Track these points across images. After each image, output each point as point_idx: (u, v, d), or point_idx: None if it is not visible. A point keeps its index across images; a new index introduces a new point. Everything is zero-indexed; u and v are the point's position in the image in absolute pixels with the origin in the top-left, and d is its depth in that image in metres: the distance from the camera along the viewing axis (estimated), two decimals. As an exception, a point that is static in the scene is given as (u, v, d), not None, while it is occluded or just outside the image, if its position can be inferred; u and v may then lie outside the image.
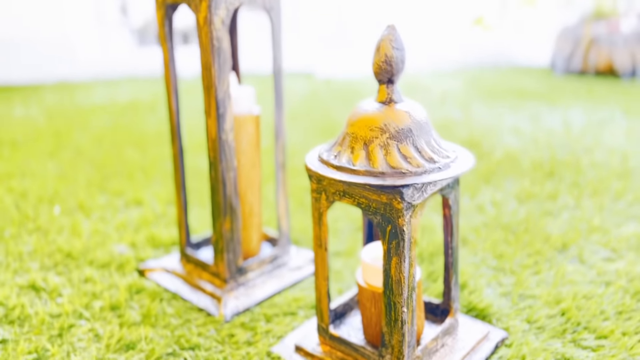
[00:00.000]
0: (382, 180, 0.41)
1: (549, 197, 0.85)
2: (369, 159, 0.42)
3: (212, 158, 0.58)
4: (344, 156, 0.44)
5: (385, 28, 0.43)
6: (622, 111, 1.38)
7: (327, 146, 0.47)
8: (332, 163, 0.44)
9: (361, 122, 0.43)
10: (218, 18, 0.54)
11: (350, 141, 0.44)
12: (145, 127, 1.35)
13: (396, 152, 0.42)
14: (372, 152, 0.43)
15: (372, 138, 0.43)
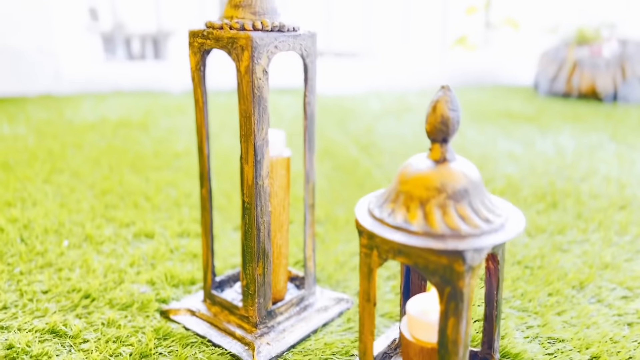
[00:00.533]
0: (443, 243, 0.42)
1: (557, 230, 0.87)
2: (426, 220, 0.43)
3: (247, 203, 0.58)
4: (399, 215, 0.44)
5: (440, 89, 0.44)
6: (609, 136, 1.42)
7: (376, 200, 0.47)
8: (387, 222, 0.44)
9: (416, 181, 0.44)
10: (260, 67, 0.53)
11: (405, 199, 0.44)
12: (140, 148, 1.33)
13: (454, 212, 0.43)
14: (429, 213, 0.43)
15: (428, 198, 0.43)
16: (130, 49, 2.49)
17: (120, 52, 2.85)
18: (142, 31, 5.27)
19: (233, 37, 0.53)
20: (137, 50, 4.59)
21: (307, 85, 0.60)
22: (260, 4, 0.55)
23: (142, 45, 5.32)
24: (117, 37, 2.90)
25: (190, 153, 1.29)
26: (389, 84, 2.17)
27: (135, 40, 4.47)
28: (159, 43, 5.86)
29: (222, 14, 0.56)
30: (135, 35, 4.31)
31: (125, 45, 2.50)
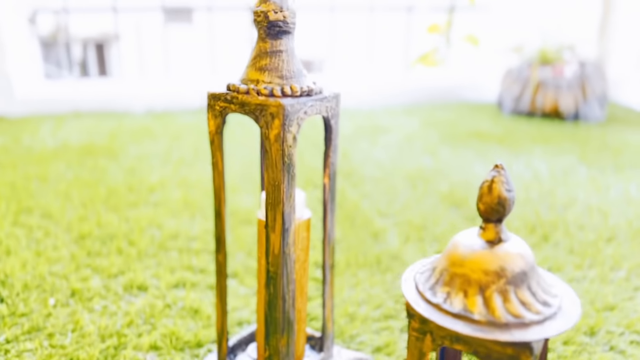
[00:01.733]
0: (509, 334, 0.40)
1: (555, 267, 0.88)
2: (487, 307, 0.42)
3: (272, 273, 0.55)
4: (456, 301, 0.42)
5: (493, 169, 0.43)
6: (578, 158, 1.47)
7: (424, 280, 0.46)
8: (445, 308, 0.42)
9: (473, 264, 0.43)
10: (290, 135, 0.51)
11: (461, 283, 0.43)
12: (111, 180, 1.26)
13: (515, 299, 0.42)
14: (490, 299, 0.42)
15: (488, 283, 0.42)
16: (70, 54, 2.38)
17: (62, 59, 2.72)
18: (84, 35, 5.07)
19: (262, 104, 0.50)
20: (79, 55, 4.42)
21: (330, 145, 0.58)
22: (287, 67, 0.53)
23: (84, 51, 5.11)
24: (57, 42, 2.77)
25: (166, 185, 1.24)
26: (354, 102, 2.16)
27: (77, 46, 4.29)
28: (103, 48, 5.65)
29: (245, 76, 0.53)
30: (77, 39, 4.14)
31: (66, 50, 2.38)
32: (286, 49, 0.53)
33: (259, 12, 0.51)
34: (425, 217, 1.07)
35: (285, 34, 0.53)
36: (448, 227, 1.02)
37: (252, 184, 1.26)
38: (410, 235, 0.99)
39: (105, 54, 5.68)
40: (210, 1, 2.16)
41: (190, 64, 3.09)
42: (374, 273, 0.86)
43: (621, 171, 1.37)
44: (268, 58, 0.52)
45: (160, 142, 1.58)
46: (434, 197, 1.18)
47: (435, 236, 0.99)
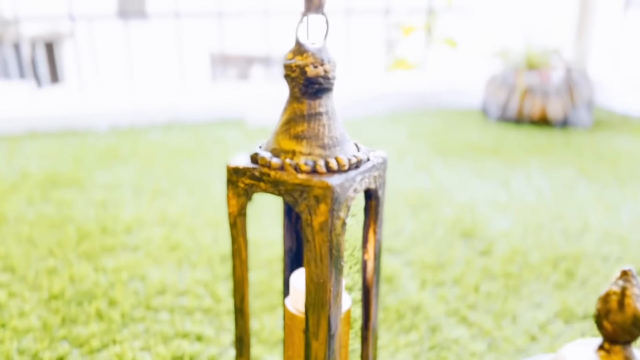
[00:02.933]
0: None
1: (589, 313, 0.80)
2: None
3: (314, 386, 0.44)
4: None
5: (621, 277, 0.34)
6: (578, 171, 1.41)
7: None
8: None
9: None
10: (339, 221, 0.40)
11: None
12: (81, 219, 1.12)
13: None
14: None
15: None
16: (19, 53, 2.19)
17: (9, 61, 2.52)
18: (33, 33, 4.78)
19: (303, 184, 0.39)
20: (27, 54, 4.15)
21: (377, 220, 0.47)
22: (329, 133, 0.42)
23: (32, 50, 4.83)
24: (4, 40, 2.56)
25: (143, 223, 1.11)
26: None
27: (25, 45, 4.03)
28: (53, 48, 5.36)
29: (276, 145, 0.42)
30: (25, 38, 3.88)
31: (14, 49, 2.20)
32: (326, 109, 0.42)
33: (294, 67, 0.40)
34: (437, 253, 0.98)
35: (325, 92, 0.42)
36: (465, 266, 0.94)
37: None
38: (426, 278, 0.90)
39: (56, 55, 5.35)
40: (175, 7, 2.02)
41: (154, 74, 2.92)
42: (397, 332, 0.76)
43: (623, 185, 1.32)
44: (305, 123, 0.41)
45: (130, 167, 1.45)
46: (441, 226, 1.09)
47: (454, 278, 0.90)
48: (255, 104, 2.03)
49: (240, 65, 4.51)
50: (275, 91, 2.11)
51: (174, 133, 1.79)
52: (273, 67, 3.33)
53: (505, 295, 0.85)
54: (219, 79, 4.29)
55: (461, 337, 0.75)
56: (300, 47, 0.41)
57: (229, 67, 4.32)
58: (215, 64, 4.93)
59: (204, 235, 1.05)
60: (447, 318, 0.79)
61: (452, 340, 0.74)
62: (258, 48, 3.33)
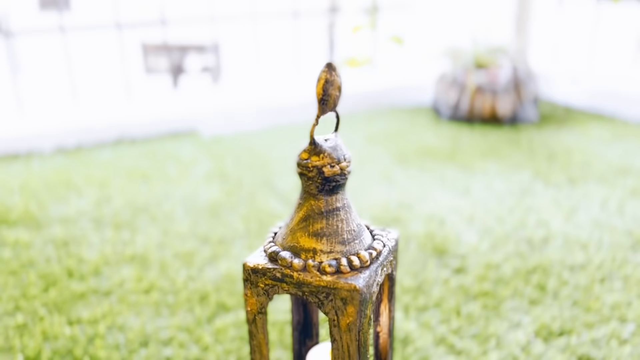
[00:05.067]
0: None
1: (566, 330, 0.85)
2: None
3: None
4: None
5: None
6: (533, 174, 1.47)
7: None
8: None
9: None
10: (366, 319, 0.40)
11: None
12: (43, 263, 1.07)
13: None
14: None
15: None
16: None
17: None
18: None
19: (329, 286, 0.39)
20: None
21: (390, 300, 0.48)
22: (347, 228, 0.42)
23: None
24: None
25: (111, 263, 1.07)
26: (287, 116, 2.05)
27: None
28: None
29: (294, 242, 0.41)
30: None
31: None
32: (343, 204, 0.42)
33: (311, 167, 0.40)
34: (414, 276, 1.00)
35: (341, 187, 0.41)
36: (443, 287, 0.96)
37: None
38: (408, 303, 0.92)
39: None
40: (123, 18, 1.93)
41: (94, 84, 2.79)
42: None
43: (576, 186, 1.38)
44: (324, 219, 0.41)
45: (85, 196, 1.39)
46: (413, 244, 1.11)
47: (435, 302, 0.92)
48: (206, 113, 1.98)
49: (174, 55, 4.35)
50: (225, 99, 2.07)
51: (124, 150, 1.72)
52: (208, 56, 3.26)
53: (485, 316, 0.88)
54: (154, 70, 4.13)
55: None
56: (315, 147, 0.40)
57: (162, 57, 4.16)
58: (147, 55, 4.74)
59: (177, 273, 1.03)
60: (435, 348, 0.81)
61: (443, 372, 0.76)
62: (192, 36, 3.24)
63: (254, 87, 2.19)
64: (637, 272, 1.00)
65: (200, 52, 3.44)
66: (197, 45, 3.48)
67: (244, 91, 2.15)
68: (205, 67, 3.38)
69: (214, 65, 3.25)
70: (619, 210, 1.24)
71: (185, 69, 3.61)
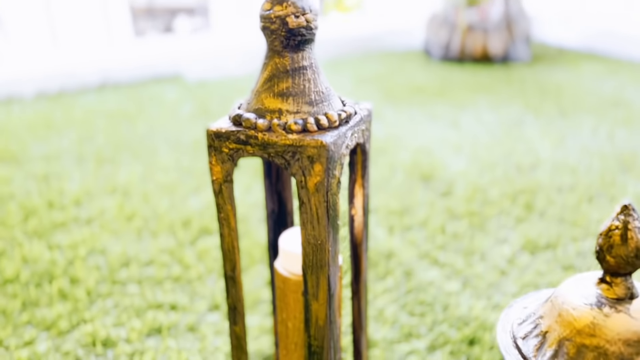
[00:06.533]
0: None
1: (552, 244, 0.84)
2: (635, 387, 0.34)
3: (316, 347, 0.44)
4: (594, 381, 0.34)
5: (622, 212, 0.34)
6: (523, 107, 1.45)
7: (535, 350, 0.36)
8: (582, 393, 0.34)
9: (608, 333, 0.34)
10: (335, 180, 0.39)
11: (595, 358, 0.34)
12: (23, 195, 1.05)
13: (663, 371, 0.34)
14: (635, 376, 0.34)
15: (631, 355, 0.34)
16: None
17: None
18: None
19: (295, 145, 0.37)
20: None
21: (364, 175, 0.46)
22: (315, 88, 0.39)
23: None
24: None
25: (92, 193, 1.05)
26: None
27: None
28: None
29: (259, 105, 0.39)
30: None
31: None
32: (310, 63, 0.40)
33: (273, 18, 0.37)
34: (399, 198, 0.99)
35: (308, 44, 0.39)
36: (429, 208, 0.95)
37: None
38: (394, 224, 0.90)
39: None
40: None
41: (77, 32, 2.71)
42: (373, 280, 0.77)
43: (566, 117, 1.36)
44: (290, 78, 0.39)
45: (67, 135, 1.36)
46: (400, 171, 1.10)
47: (420, 221, 0.91)
48: (190, 57, 1.94)
49: (163, 17, 4.27)
50: (210, 43, 2.02)
51: (108, 95, 1.69)
52: (197, 18, 3.18)
53: (471, 234, 0.87)
54: (143, 33, 4.06)
55: (435, 279, 0.76)
56: (278, -4, 0.37)
57: (152, 19, 4.09)
58: (137, 18, 4.66)
59: (159, 202, 1.01)
60: (419, 261, 0.80)
61: (427, 283, 0.76)
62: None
63: (240, 31, 2.14)
64: (624, 191, 0.99)
65: (190, 14, 3.36)
66: (186, 8, 3.39)
67: (229, 36, 2.10)
68: (195, 29, 3.31)
69: (204, 27, 3.18)
70: (609, 137, 1.23)
71: (174, 31, 3.53)
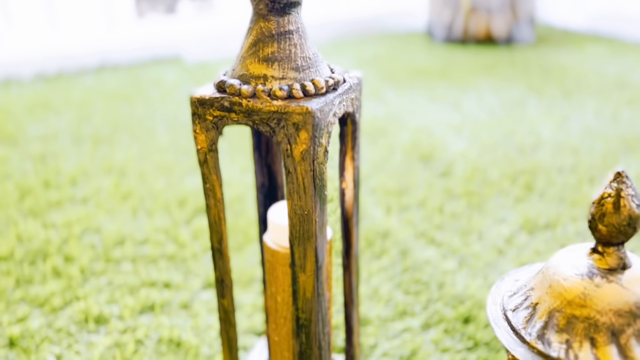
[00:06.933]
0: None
1: (552, 224, 0.83)
2: (625, 358, 0.33)
3: (304, 320, 0.43)
4: (583, 354, 0.33)
5: (615, 179, 0.33)
6: (526, 88, 1.43)
7: (525, 322, 0.36)
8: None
9: (599, 303, 0.33)
10: (322, 149, 0.37)
11: (585, 329, 0.33)
12: (19, 174, 1.05)
13: (656, 343, 0.33)
14: (626, 347, 0.33)
15: (622, 326, 0.33)
16: None
17: None
18: None
19: (280, 111, 0.36)
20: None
21: (354, 146, 0.45)
22: (301, 54, 0.38)
23: None
24: None
25: (89, 173, 1.05)
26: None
27: None
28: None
29: (244, 71, 0.38)
30: None
31: None
32: (297, 27, 0.38)
33: (258, -21, 0.36)
34: (398, 178, 0.98)
35: (294, 7, 0.38)
36: (427, 189, 0.94)
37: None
38: (391, 204, 0.89)
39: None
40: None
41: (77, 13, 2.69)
42: (368, 259, 0.76)
43: (570, 98, 1.34)
44: (275, 43, 0.37)
45: (65, 116, 1.35)
46: (399, 152, 1.08)
47: (418, 201, 0.90)
48: (190, 39, 1.92)
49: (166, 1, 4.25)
50: (211, 24, 2.00)
51: (107, 76, 1.68)
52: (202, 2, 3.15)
53: (469, 214, 0.86)
54: (145, 15, 4.03)
55: (432, 258, 0.76)
56: (263, -44, 0.36)
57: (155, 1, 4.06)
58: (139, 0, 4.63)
59: (155, 181, 1.00)
60: (415, 240, 0.80)
61: (423, 262, 0.75)
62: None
63: (242, 13, 2.12)
64: (628, 171, 0.97)
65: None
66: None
67: (231, 17, 2.08)
68: (198, 11, 3.28)
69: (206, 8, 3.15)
70: (613, 118, 1.21)
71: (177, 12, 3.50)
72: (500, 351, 0.59)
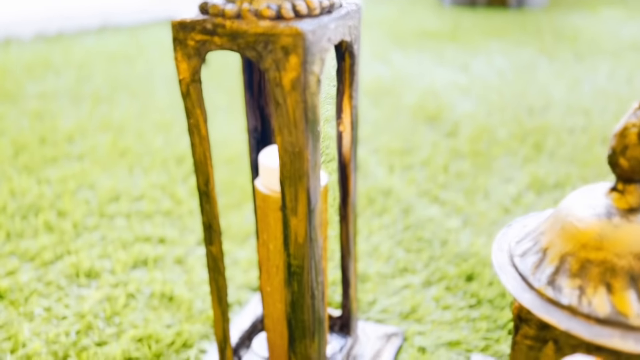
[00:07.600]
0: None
1: (561, 183, 0.79)
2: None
3: (296, 267, 0.40)
4: (597, 300, 0.30)
5: (637, 110, 0.30)
6: (537, 50, 1.38)
7: (534, 268, 0.33)
8: (583, 311, 0.30)
9: (616, 246, 0.30)
10: (314, 77, 0.34)
11: (601, 274, 0.31)
12: (15, 131, 1.02)
13: (676, 287, 0.31)
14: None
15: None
16: None
17: None
18: None
19: (268, 33, 0.33)
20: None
21: (352, 82, 0.42)
22: (293, -28, 0.35)
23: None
24: None
25: (86, 130, 1.02)
26: None
27: None
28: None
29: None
30: None
31: None
32: (288, -57, 0.35)
33: None
34: (402, 138, 0.94)
35: None
36: (432, 149, 0.91)
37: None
38: (394, 163, 0.86)
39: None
40: None
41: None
42: (369, 217, 0.73)
43: (583, 60, 1.30)
44: (263, -41, 0.34)
45: (64, 75, 1.32)
46: (404, 112, 1.05)
47: (422, 161, 0.87)
48: (192, 0, 1.87)
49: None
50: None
51: (109, 37, 1.64)
52: None
53: (475, 173, 0.83)
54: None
55: (435, 216, 0.73)
56: None
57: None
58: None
59: (153, 139, 0.98)
60: (418, 199, 0.77)
61: (426, 220, 0.72)
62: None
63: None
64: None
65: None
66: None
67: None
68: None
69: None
70: (628, 80, 1.16)
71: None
72: (505, 309, 0.57)
